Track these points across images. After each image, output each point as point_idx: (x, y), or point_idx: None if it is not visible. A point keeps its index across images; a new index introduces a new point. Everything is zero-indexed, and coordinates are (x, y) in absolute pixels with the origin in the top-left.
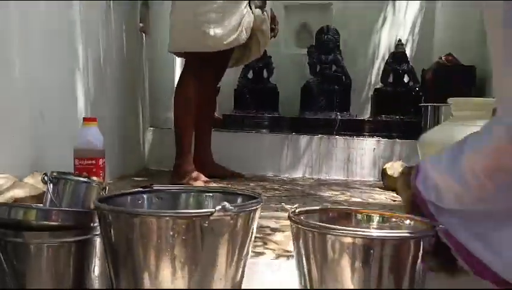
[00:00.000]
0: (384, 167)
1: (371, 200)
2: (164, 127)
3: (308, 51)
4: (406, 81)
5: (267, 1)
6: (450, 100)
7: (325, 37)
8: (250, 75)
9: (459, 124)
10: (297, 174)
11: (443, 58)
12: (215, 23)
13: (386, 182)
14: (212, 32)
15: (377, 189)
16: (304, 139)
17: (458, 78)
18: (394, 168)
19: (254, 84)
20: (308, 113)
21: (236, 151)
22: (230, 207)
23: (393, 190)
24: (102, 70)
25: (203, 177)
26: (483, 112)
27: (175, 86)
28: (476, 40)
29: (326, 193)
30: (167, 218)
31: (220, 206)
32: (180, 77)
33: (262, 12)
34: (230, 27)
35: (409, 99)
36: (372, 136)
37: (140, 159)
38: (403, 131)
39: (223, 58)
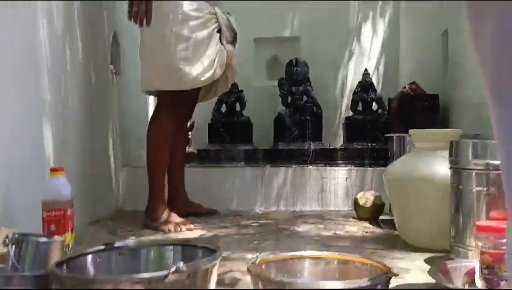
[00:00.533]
0: (356, 197)
1: (343, 233)
2: (138, 165)
3: (279, 83)
4: (374, 109)
5: (237, 37)
6: (411, 132)
7: (295, 69)
8: (223, 108)
9: (422, 156)
10: (273, 207)
11: (407, 87)
12: (191, 61)
13: (359, 212)
14: (188, 70)
15: (351, 219)
16: (278, 171)
17: (422, 107)
18: (366, 197)
19: (227, 118)
20: (282, 144)
21: (212, 186)
22: (184, 268)
23: (366, 219)
24: (70, 110)
25: (176, 219)
26: (443, 143)
27: (148, 122)
28: (439, 68)
29: (300, 228)
30: (124, 283)
31: (174, 268)
32: (152, 115)
33: (233, 48)
34: (205, 64)
35: (378, 127)
36: (345, 164)
37: (114, 200)
38: (374, 158)
39: (194, 94)
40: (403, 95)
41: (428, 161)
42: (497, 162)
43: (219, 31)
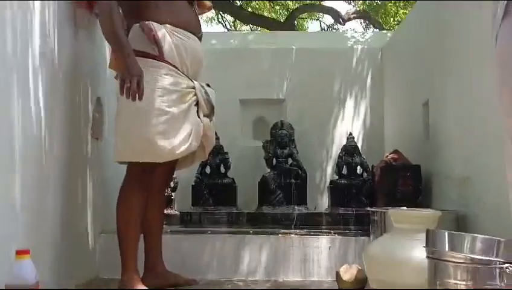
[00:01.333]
0: (338, 271)
1: None
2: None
3: (264, 146)
4: (359, 173)
5: (214, 110)
6: (390, 212)
7: (280, 131)
8: (207, 170)
9: (400, 238)
10: (254, 276)
11: (389, 156)
12: (167, 135)
13: (341, 286)
14: (163, 143)
15: None
16: (260, 239)
17: (404, 177)
18: (348, 272)
19: (212, 180)
20: (266, 207)
21: (192, 252)
22: None
23: None
24: (47, 176)
25: None
26: (422, 226)
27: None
28: (421, 137)
29: None
30: None
31: None
32: (122, 186)
33: (210, 121)
34: (181, 137)
35: (363, 192)
36: (329, 230)
37: (91, 268)
38: (359, 223)
39: (169, 164)
40: (385, 164)
41: (406, 244)
42: (474, 256)
43: (197, 104)
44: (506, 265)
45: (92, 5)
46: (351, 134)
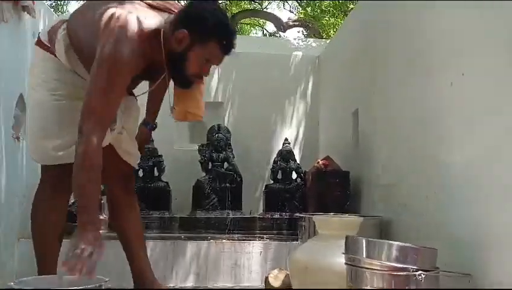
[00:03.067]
0: (267, 276)
1: None
2: None
3: (199, 149)
4: (293, 178)
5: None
6: (314, 218)
7: (216, 135)
8: (140, 173)
9: (323, 243)
10: (184, 282)
11: (320, 162)
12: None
13: None
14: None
15: None
16: (191, 244)
17: (334, 183)
18: (277, 277)
19: (144, 183)
20: (200, 212)
21: (119, 259)
22: None
23: None
24: None
25: None
26: (344, 232)
27: None
28: (351, 145)
29: None
30: None
31: None
32: (35, 194)
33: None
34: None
35: (297, 197)
36: (261, 236)
37: (9, 274)
38: (292, 228)
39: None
40: (316, 170)
41: (328, 251)
42: (389, 263)
43: None
44: (419, 272)
45: None
46: (286, 139)
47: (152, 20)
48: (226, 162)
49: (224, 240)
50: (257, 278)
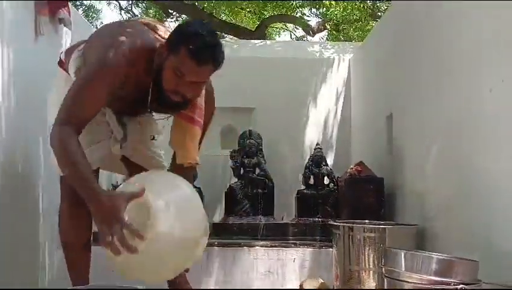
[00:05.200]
0: (301, 284)
1: None
2: None
3: (231, 155)
4: (326, 183)
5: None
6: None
7: (248, 141)
8: None
9: None
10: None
11: (353, 168)
12: None
13: None
14: None
15: None
16: (224, 251)
17: (368, 189)
18: (310, 284)
19: None
20: (233, 218)
21: None
22: None
23: None
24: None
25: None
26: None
27: None
28: (385, 150)
29: None
30: None
31: None
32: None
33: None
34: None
35: (330, 202)
36: (295, 243)
37: (49, 282)
38: (325, 234)
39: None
40: (350, 176)
41: None
42: (430, 277)
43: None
44: (461, 286)
45: (54, 10)
46: (318, 144)
47: (151, 41)
48: (257, 168)
49: (257, 247)
50: (291, 286)
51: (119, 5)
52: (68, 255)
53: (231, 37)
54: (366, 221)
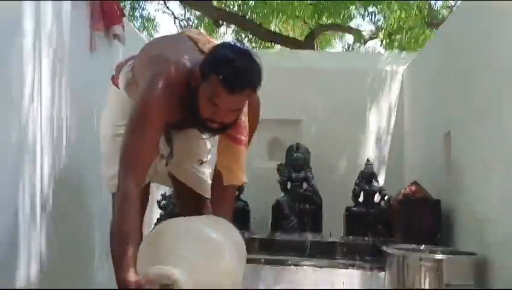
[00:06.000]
0: None
1: None
2: None
3: (278, 169)
4: (376, 201)
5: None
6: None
7: (295, 155)
8: None
9: None
10: None
11: (408, 189)
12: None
13: None
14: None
15: None
16: (271, 271)
17: (424, 212)
18: None
19: None
20: (279, 233)
21: None
22: None
23: None
24: None
25: None
26: None
27: None
28: (441, 170)
29: None
30: None
31: None
32: None
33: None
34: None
35: (381, 220)
36: (344, 263)
37: (100, 285)
38: (374, 254)
39: None
40: (403, 197)
41: None
42: None
43: None
44: None
45: (108, 25)
46: (368, 160)
47: (194, 60)
48: (305, 182)
49: (305, 267)
50: None
51: (173, 14)
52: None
53: (280, 47)
54: (422, 247)
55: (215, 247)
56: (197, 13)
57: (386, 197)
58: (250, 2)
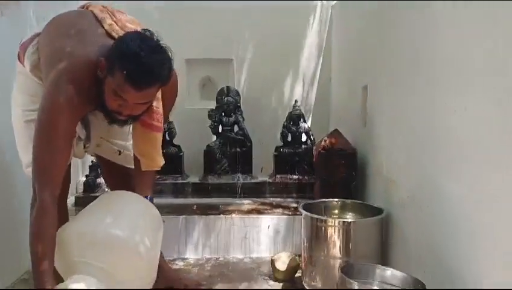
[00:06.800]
0: (272, 258)
1: None
2: None
3: (209, 114)
4: (303, 140)
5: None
6: None
7: (226, 98)
8: None
9: None
10: (197, 254)
11: (327, 140)
12: None
13: (275, 273)
14: None
15: (270, 281)
16: (202, 219)
17: (340, 164)
18: (281, 260)
19: None
20: (211, 177)
21: None
22: None
23: (282, 281)
24: None
25: None
26: None
27: None
28: (359, 120)
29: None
30: None
31: None
32: None
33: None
34: None
35: (307, 160)
36: (271, 203)
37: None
38: (302, 191)
39: None
40: (323, 149)
41: None
42: None
43: None
44: None
45: None
46: (296, 101)
47: (97, 50)
48: (236, 126)
49: (233, 215)
50: (266, 249)
51: None
52: None
53: None
54: (335, 200)
55: (123, 245)
56: None
57: (312, 137)
58: None
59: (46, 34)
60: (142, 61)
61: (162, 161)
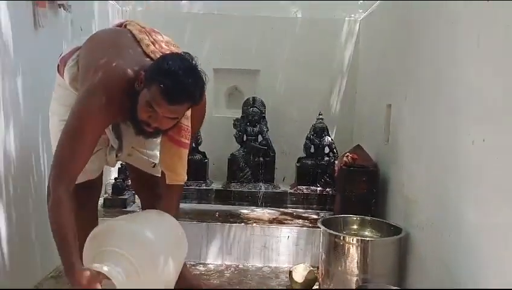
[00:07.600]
0: (290, 270)
1: None
2: None
3: (234, 124)
4: (326, 152)
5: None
6: None
7: (251, 109)
8: None
9: None
10: (218, 261)
11: (349, 156)
12: None
13: (293, 285)
14: None
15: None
16: (224, 226)
17: (361, 181)
18: (299, 272)
19: None
20: (234, 184)
21: None
22: None
23: None
24: None
25: None
26: None
27: None
28: (382, 136)
29: None
30: None
31: None
32: None
33: (117, 156)
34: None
35: (328, 172)
36: (292, 213)
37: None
38: (323, 203)
39: None
40: (344, 164)
41: None
42: None
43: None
44: None
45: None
46: (320, 114)
47: (134, 66)
48: (260, 135)
49: (254, 224)
50: (285, 260)
51: None
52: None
53: None
54: (355, 217)
55: (155, 251)
56: None
57: (335, 150)
58: None
59: (86, 48)
60: (179, 80)
61: (185, 177)
